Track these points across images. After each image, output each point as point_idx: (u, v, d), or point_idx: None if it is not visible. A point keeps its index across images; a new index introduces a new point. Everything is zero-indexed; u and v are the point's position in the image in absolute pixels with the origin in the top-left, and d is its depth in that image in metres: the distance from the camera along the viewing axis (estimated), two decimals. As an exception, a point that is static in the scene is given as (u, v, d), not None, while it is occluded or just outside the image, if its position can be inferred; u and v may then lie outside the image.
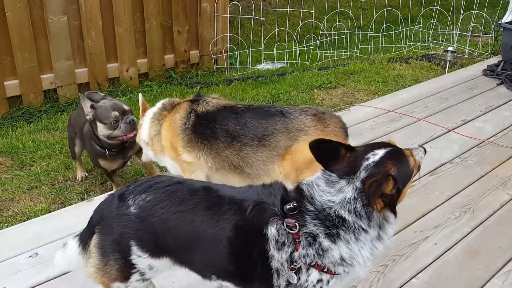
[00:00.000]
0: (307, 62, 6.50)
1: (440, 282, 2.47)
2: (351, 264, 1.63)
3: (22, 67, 4.58)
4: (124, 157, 3.32)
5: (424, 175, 3.38)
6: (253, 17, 6.65)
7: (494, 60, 6.08)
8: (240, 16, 6.62)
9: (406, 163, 1.67)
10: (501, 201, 3.17)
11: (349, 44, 7.02)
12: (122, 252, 1.75)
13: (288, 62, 6.51)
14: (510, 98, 4.95)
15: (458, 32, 7.06)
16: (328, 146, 1.69)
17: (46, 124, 4.46)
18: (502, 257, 2.66)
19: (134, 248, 1.74)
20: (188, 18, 5.69)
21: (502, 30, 6.09)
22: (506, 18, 6.41)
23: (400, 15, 7.58)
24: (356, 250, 1.62)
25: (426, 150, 1.86)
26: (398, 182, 1.58)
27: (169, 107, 2.87)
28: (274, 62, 6.53)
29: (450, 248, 2.72)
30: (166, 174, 3.28)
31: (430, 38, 7.43)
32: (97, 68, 5.10)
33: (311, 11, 7.15)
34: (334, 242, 1.61)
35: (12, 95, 4.64)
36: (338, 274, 1.66)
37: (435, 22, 7.31)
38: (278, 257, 1.63)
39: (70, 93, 4.97)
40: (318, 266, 1.62)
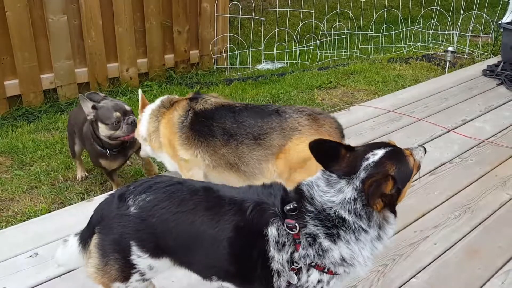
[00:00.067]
0: (307, 62, 6.50)
1: (439, 281, 2.48)
2: (352, 264, 1.64)
3: (22, 67, 4.58)
4: (124, 156, 3.33)
5: (424, 175, 3.38)
6: (253, 17, 6.65)
7: (494, 60, 6.08)
8: (240, 16, 6.62)
9: (406, 163, 1.67)
10: (500, 201, 3.17)
11: (349, 44, 7.02)
12: (122, 252, 1.75)
13: (288, 62, 6.51)
14: (509, 98, 4.95)
15: (458, 32, 7.05)
16: (328, 146, 1.69)
17: (46, 124, 4.46)
18: (501, 256, 2.66)
19: (134, 248, 1.74)
20: (188, 18, 5.69)
21: (502, 30, 6.09)
22: (506, 19, 6.41)
23: (400, 15, 7.58)
24: (356, 250, 1.62)
25: (426, 150, 1.85)
26: (398, 182, 1.58)
27: (167, 104, 2.87)
28: (274, 62, 6.53)
29: (450, 247, 2.72)
30: (165, 173, 3.28)
31: (430, 38, 7.43)
32: (97, 68, 5.10)
33: (311, 11, 7.15)
34: (334, 242, 1.61)
35: (12, 95, 4.64)
36: (338, 274, 1.66)
37: (435, 22, 7.31)
38: (278, 257, 1.63)
39: (70, 93, 4.97)
40: (318, 266, 1.63)
